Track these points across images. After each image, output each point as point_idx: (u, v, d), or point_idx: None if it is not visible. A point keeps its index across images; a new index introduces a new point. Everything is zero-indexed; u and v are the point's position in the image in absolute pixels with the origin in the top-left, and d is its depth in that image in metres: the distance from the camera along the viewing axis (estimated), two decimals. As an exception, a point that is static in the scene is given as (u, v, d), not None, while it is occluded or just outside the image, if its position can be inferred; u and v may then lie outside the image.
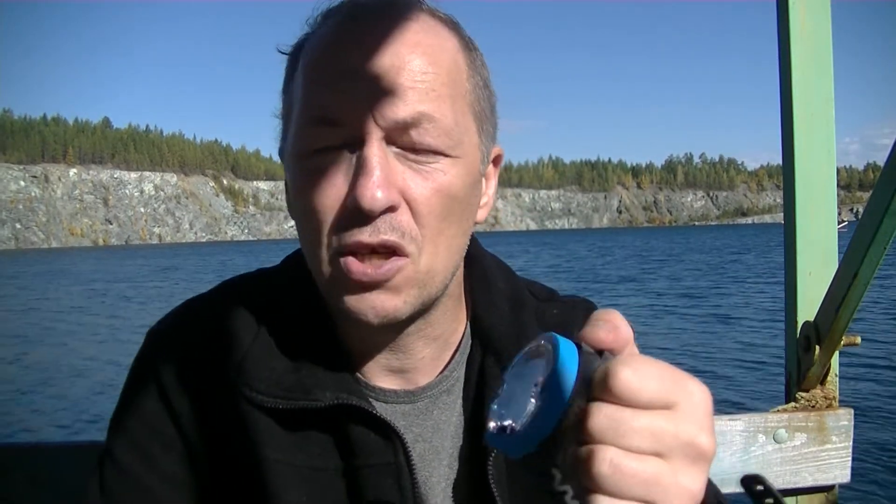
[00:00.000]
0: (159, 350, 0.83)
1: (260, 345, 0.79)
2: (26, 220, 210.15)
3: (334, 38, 0.73)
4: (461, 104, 0.75)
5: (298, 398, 0.76)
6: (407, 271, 0.72)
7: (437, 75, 0.72)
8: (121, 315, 22.30)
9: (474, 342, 0.86)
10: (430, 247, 0.73)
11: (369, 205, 0.68)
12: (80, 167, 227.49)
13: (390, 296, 0.72)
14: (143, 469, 0.79)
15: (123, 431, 0.81)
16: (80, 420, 9.45)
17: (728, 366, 11.50)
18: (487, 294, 0.87)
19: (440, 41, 0.74)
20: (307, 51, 0.75)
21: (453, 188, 0.73)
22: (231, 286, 0.88)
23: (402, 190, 0.71)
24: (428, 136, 0.71)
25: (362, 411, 0.76)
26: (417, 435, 0.82)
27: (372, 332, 0.78)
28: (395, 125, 0.70)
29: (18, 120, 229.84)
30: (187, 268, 55.46)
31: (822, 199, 1.52)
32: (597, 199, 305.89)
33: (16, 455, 1.39)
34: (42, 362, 13.98)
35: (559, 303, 0.94)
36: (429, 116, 0.70)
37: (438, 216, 0.73)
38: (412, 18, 0.73)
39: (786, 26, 1.49)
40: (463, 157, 0.74)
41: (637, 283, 28.35)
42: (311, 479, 0.77)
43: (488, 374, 0.82)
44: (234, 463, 0.78)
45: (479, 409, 0.82)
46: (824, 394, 1.53)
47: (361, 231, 0.70)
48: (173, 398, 0.80)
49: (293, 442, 0.77)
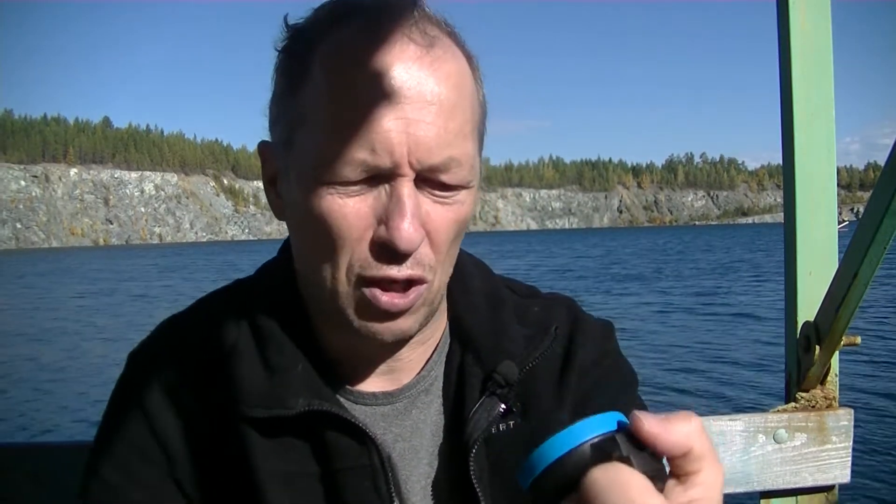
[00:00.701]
0: (141, 371, 0.84)
1: (237, 356, 0.79)
2: (27, 219, 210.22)
3: (366, 56, 0.69)
4: (474, 133, 0.75)
5: (272, 406, 0.76)
6: (424, 296, 0.75)
7: (464, 111, 0.72)
8: (132, 313, 22.39)
9: (453, 340, 0.87)
10: (441, 269, 0.76)
11: (406, 247, 0.70)
12: (80, 167, 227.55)
13: (406, 319, 0.75)
14: (129, 486, 0.80)
15: (108, 452, 0.81)
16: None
17: (728, 366, 11.50)
18: (465, 293, 0.88)
19: (460, 67, 0.73)
20: (330, 56, 0.71)
21: (468, 215, 0.76)
22: (207, 302, 0.88)
23: (424, 224, 0.72)
24: (456, 179, 0.72)
25: (334, 416, 0.77)
26: (397, 435, 0.82)
27: (376, 348, 0.80)
28: (427, 168, 0.70)
29: (19, 120, 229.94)
30: (192, 266, 55.59)
31: (822, 198, 1.52)
32: (597, 199, 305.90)
33: (16, 455, 1.39)
34: (56, 361, 14.01)
35: (540, 300, 0.94)
36: (457, 161, 0.71)
37: (452, 242, 0.76)
38: (437, 42, 0.72)
39: (786, 26, 1.48)
40: (476, 183, 0.76)
41: (642, 282, 28.35)
42: (293, 485, 0.78)
43: (468, 373, 0.83)
44: (219, 475, 0.79)
45: (459, 407, 0.82)
46: (824, 394, 1.53)
47: (391, 268, 0.71)
48: (157, 417, 0.80)
49: (273, 449, 0.78)
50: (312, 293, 0.80)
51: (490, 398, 0.81)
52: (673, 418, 0.42)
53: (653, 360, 11.85)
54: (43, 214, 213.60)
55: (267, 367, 0.78)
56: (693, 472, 0.42)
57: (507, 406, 0.82)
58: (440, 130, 0.69)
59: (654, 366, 11.27)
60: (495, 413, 0.81)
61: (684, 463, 0.42)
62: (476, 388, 0.82)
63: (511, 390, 0.82)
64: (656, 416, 0.42)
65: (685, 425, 0.42)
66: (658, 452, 0.42)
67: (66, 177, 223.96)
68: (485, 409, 0.81)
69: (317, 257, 0.74)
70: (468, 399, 0.82)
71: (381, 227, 0.70)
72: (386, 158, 0.68)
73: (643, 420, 0.41)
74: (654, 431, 0.41)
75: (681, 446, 0.41)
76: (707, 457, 0.42)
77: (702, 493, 0.42)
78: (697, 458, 0.42)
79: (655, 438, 0.41)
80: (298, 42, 0.75)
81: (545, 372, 0.85)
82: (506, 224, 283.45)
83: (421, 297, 0.74)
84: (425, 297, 0.75)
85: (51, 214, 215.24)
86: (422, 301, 0.75)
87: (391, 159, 0.68)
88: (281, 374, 0.78)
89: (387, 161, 0.68)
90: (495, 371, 0.81)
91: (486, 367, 0.82)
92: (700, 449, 0.42)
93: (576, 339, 0.88)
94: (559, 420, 0.83)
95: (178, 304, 0.91)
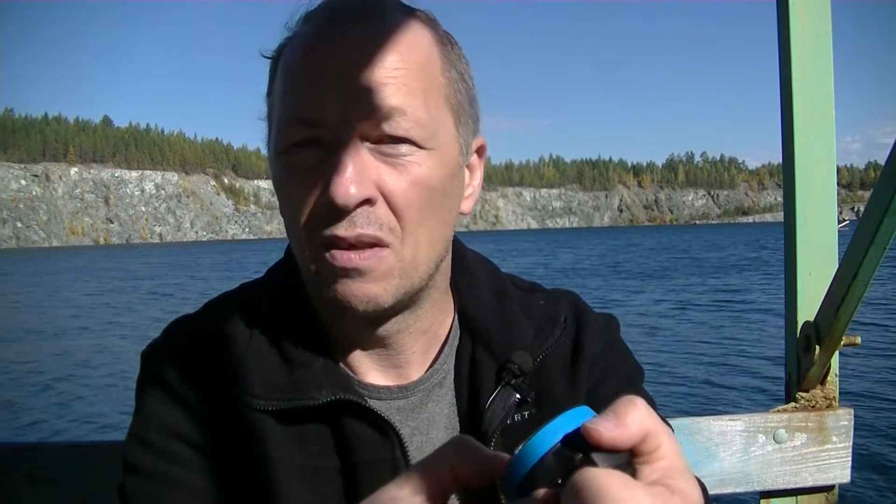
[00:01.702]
0: (156, 366, 0.84)
1: (253, 350, 0.80)
2: (27, 218, 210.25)
3: (311, 40, 0.75)
4: (435, 97, 0.76)
5: (294, 398, 0.77)
6: (389, 261, 0.75)
7: (409, 71, 0.74)
8: (148, 311, 22.48)
9: (463, 334, 0.88)
10: (412, 237, 0.76)
11: (343, 200, 0.70)
12: (80, 166, 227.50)
13: (373, 284, 0.75)
14: (171, 467, 0.79)
15: (143, 444, 0.80)
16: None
17: (728, 366, 11.50)
18: (471, 286, 0.89)
19: (414, 38, 0.76)
20: (286, 54, 0.78)
21: (430, 180, 0.76)
22: (216, 303, 0.89)
23: (378, 184, 0.73)
24: (399, 129, 0.73)
25: (359, 407, 0.77)
26: (414, 429, 0.83)
27: (360, 324, 0.80)
28: (366, 121, 0.72)
29: (19, 119, 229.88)
30: (206, 264, 55.68)
31: (822, 198, 1.52)
32: (598, 198, 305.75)
33: (16, 455, 1.39)
34: (72, 359, 14.05)
35: (544, 294, 0.95)
36: (400, 110, 0.73)
37: (417, 208, 0.75)
38: (387, 18, 0.76)
39: (786, 26, 1.48)
40: (438, 148, 0.76)
41: (642, 281, 28.34)
42: (312, 478, 0.78)
43: (481, 364, 0.84)
44: (239, 469, 0.79)
45: (473, 399, 0.83)
46: (824, 394, 1.53)
47: (338, 226, 0.72)
48: (179, 409, 0.80)
49: (292, 442, 0.78)
50: (305, 277, 0.81)
51: (505, 389, 0.82)
52: (621, 411, 0.42)
53: (653, 359, 11.85)
54: (43, 213, 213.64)
55: (286, 361, 0.79)
56: (654, 449, 0.42)
57: (521, 396, 0.82)
58: (380, 85, 0.72)
59: (653, 366, 11.26)
60: (510, 403, 0.81)
61: (644, 446, 0.42)
62: (490, 380, 0.83)
63: (525, 380, 0.83)
64: (605, 417, 0.42)
65: (635, 413, 0.42)
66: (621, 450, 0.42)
67: (67, 176, 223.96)
68: (500, 399, 0.81)
69: (293, 234, 0.78)
70: (483, 390, 0.82)
71: (327, 188, 0.72)
72: (324, 113, 0.72)
73: (598, 429, 0.41)
74: (612, 435, 0.41)
75: (639, 435, 0.42)
76: (661, 430, 0.43)
77: (668, 463, 0.42)
78: (655, 436, 0.42)
79: (615, 441, 0.41)
80: (277, 49, 0.81)
81: (556, 362, 0.86)
82: (506, 223, 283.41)
83: (383, 261, 0.74)
84: (393, 266, 0.75)
85: (51, 213, 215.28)
86: (387, 267, 0.75)
87: (329, 114, 0.72)
88: (302, 367, 0.78)
89: (325, 115, 0.72)
90: (509, 361, 0.82)
91: (498, 358, 0.83)
92: (654, 427, 0.42)
93: (583, 331, 0.89)
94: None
95: (200, 300, 0.92)
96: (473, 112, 0.83)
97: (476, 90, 0.83)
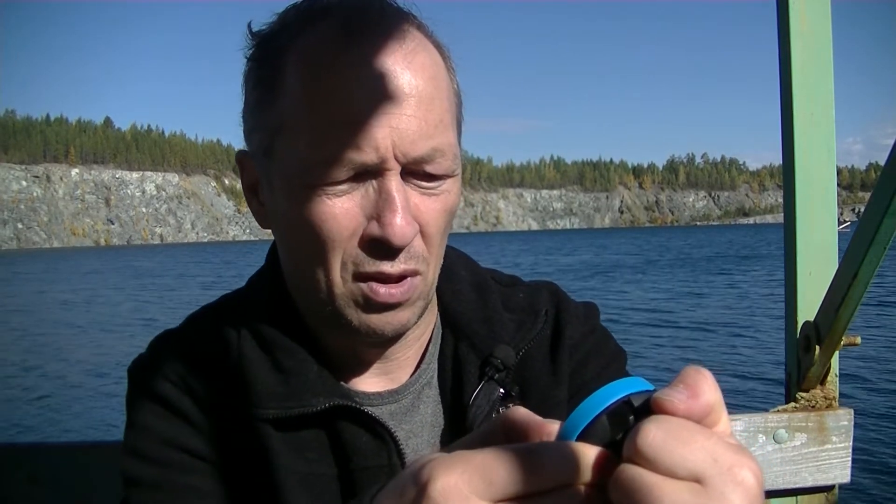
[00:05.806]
0: (145, 382, 0.82)
1: (245, 361, 0.79)
2: (28, 219, 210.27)
3: (342, 57, 0.70)
4: (453, 122, 0.76)
5: (292, 405, 0.76)
6: (420, 288, 0.76)
7: (441, 102, 0.73)
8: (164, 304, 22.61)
9: (445, 331, 0.88)
10: (435, 260, 0.78)
11: (400, 242, 0.71)
12: (81, 167, 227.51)
13: (406, 311, 0.76)
14: (174, 474, 0.78)
15: (141, 456, 0.79)
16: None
17: (728, 365, 11.48)
18: (452, 282, 0.89)
19: (434, 59, 0.75)
20: (305, 61, 0.71)
21: (455, 204, 0.77)
22: (200, 315, 0.88)
23: (416, 217, 0.73)
24: (441, 169, 0.73)
25: (356, 413, 0.77)
26: (408, 432, 0.83)
27: (372, 345, 0.80)
28: (412, 161, 0.71)
29: (21, 120, 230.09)
30: (216, 263, 55.71)
31: (822, 199, 1.52)
32: (599, 199, 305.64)
33: (16, 455, 1.39)
34: (72, 359, 14.06)
35: (524, 286, 0.95)
36: (441, 151, 0.72)
37: (442, 232, 0.77)
38: (409, 36, 0.73)
39: (786, 26, 1.48)
40: (460, 171, 0.77)
41: (644, 279, 28.34)
42: (311, 485, 0.78)
43: (464, 360, 0.84)
44: (241, 477, 0.78)
45: (457, 396, 0.83)
46: (824, 394, 1.53)
47: (384, 263, 0.73)
48: (174, 420, 0.80)
49: (290, 449, 0.78)
50: (307, 297, 0.79)
51: (489, 383, 0.82)
52: (691, 382, 0.40)
53: (653, 359, 11.83)
54: (44, 214, 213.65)
55: (280, 370, 0.78)
56: (716, 422, 0.41)
57: (505, 390, 0.82)
58: (421, 122, 0.70)
59: (653, 365, 11.26)
60: (495, 397, 0.82)
61: (709, 419, 0.41)
62: (473, 375, 0.83)
63: (508, 374, 0.83)
64: (676, 388, 0.40)
65: (705, 383, 0.40)
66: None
67: (68, 177, 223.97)
68: (484, 394, 0.81)
69: (310, 260, 0.74)
70: (467, 386, 0.82)
71: (373, 224, 0.71)
72: (372, 154, 0.69)
73: (672, 400, 0.39)
74: (686, 406, 0.39)
75: (710, 406, 0.40)
76: (723, 404, 0.41)
77: (722, 432, 0.41)
78: (719, 408, 0.41)
79: (690, 412, 0.39)
80: (268, 49, 0.75)
81: (538, 354, 0.86)
82: (507, 224, 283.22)
83: (416, 288, 0.75)
84: (421, 290, 0.76)
85: (52, 214, 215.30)
86: (418, 294, 0.76)
87: (377, 154, 0.69)
88: (297, 376, 0.78)
89: (373, 157, 0.69)
90: (492, 356, 0.82)
91: (481, 354, 0.83)
92: (719, 399, 0.41)
93: (562, 319, 0.89)
94: (558, 399, 0.85)
95: (214, 295, 0.91)
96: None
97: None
